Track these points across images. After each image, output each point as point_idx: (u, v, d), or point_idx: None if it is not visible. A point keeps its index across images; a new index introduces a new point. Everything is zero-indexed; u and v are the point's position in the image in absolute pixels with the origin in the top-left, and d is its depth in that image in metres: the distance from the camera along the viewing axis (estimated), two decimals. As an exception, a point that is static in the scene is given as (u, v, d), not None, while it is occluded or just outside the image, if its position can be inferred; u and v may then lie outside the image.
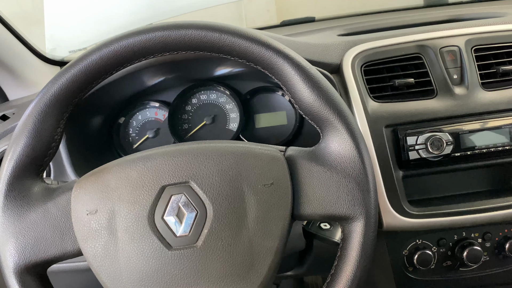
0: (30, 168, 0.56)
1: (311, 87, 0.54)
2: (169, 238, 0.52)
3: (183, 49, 0.56)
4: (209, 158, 0.53)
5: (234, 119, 0.93)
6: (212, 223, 0.51)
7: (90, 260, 0.52)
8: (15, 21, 0.95)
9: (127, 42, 0.55)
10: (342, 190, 0.53)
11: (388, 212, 0.76)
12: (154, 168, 0.53)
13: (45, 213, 0.54)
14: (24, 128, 0.55)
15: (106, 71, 0.56)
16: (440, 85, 0.80)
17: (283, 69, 0.55)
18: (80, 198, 0.53)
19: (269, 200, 0.53)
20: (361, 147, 0.54)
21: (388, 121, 0.78)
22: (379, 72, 0.82)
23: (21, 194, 0.55)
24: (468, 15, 1.00)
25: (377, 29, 0.95)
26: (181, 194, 0.52)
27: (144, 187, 0.52)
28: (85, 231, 0.52)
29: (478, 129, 0.77)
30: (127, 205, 0.52)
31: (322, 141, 0.56)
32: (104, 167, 0.56)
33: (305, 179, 0.54)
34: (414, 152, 0.77)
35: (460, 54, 0.81)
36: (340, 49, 0.83)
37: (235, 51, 0.55)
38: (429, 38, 0.82)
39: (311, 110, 0.55)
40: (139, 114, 0.94)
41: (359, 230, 0.53)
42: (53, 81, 0.56)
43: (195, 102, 0.94)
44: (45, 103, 0.55)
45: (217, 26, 0.55)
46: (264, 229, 0.52)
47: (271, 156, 0.54)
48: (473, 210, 0.78)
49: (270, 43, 0.55)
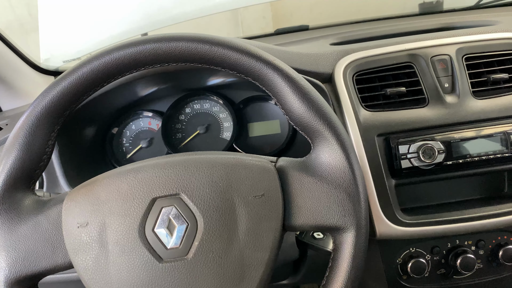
0: (21, 181, 0.55)
1: (301, 98, 0.55)
2: (160, 250, 0.52)
3: (174, 61, 0.56)
4: (199, 169, 0.54)
5: (228, 128, 0.94)
6: (203, 235, 0.51)
7: (81, 273, 0.52)
8: (10, 29, 0.95)
9: (118, 54, 0.55)
10: (332, 201, 0.53)
11: (381, 220, 0.76)
12: (144, 180, 0.53)
13: (36, 226, 0.54)
14: (15, 141, 0.55)
15: (97, 84, 0.56)
16: (431, 93, 0.80)
17: (273, 80, 0.55)
18: (71, 211, 0.53)
19: (260, 212, 0.53)
20: (351, 157, 0.54)
21: (380, 130, 0.78)
22: (371, 81, 0.82)
23: (12, 207, 0.55)
24: (460, 23, 1.00)
25: (369, 38, 0.95)
26: (172, 206, 0.52)
27: (134, 200, 0.52)
28: (75, 244, 0.52)
29: (469, 137, 0.78)
30: (117, 218, 0.52)
31: (312, 151, 0.56)
32: (95, 180, 0.56)
33: (296, 190, 0.54)
34: (406, 161, 0.77)
35: (451, 63, 0.81)
36: (332, 58, 0.84)
37: (225, 62, 0.56)
38: (420, 47, 0.83)
39: (301, 121, 0.55)
40: (133, 124, 0.94)
41: (350, 241, 0.53)
42: (43, 94, 0.56)
43: (189, 112, 0.94)
44: (36, 116, 0.55)
45: (207, 38, 0.55)
46: (255, 240, 0.52)
47: (262, 167, 0.55)
48: (466, 218, 0.78)
49: (260, 54, 0.55)
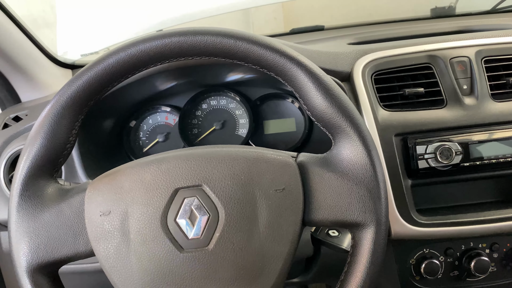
0: (44, 168, 0.56)
1: (324, 94, 0.55)
2: (181, 240, 0.52)
3: (198, 54, 0.57)
4: (222, 162, 0.54)
5: (243, 125, 0.94)
6: (223, 226, 0.52)
7: (102, 261, 0.53)
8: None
9: (144, 46, 0.55)
10: (353, 197, 0.53)
11: (396, 220, 0.76)
12: (167, 171, 0.54)
13: (59, 214, 0.55)
14: (40, 129, 0.56)
15: (122, 75, 0.57)
16: (449, 95, 0.80)
17: (296, 76, 0.56)
18: (93, 199, 0.54)
19: (281, 205, 0.53)
20: (373, 154, 0.54)
21: (398, 130, 0.78)
22: (389, 81, 0.83)
23: (36, 194, 0.55)
24: (478, 26, 1.00)
25: (387, 39, 0.95)
26: (194, 197, 0.53)
27: (157, 190, 0.53)
28: (98, 232, 0.53)
29: (487, 140, 0.78)
30: (140, 207, 0.53)
31: (333, 147, 0.56)
32: (118, 169, 0.56)
33: (316, 185, 0.54)
34: (423, 161, 0.77)
35: (470, 65, 0.82)
36: (351, 57, 0.84)
37: (249, 57, 0.56)
38: (439, 48, 0.83)
39: (323, 117, 0.56)
40: (150, 118, 0.95)
41: (370, 237, 0.53)
42: (69, 83, 0.56)
43: (205, 107, 0.95)
44: (61, 105, 0.56)
45: (232, 32, 0.56)
46: (275, 234, 0.52)
47: (283, 162, 0.55)
48: (481, 220, 0.78)
49: (284, 50, 0.56)
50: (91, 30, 1.30)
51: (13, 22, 0.88)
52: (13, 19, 0.88)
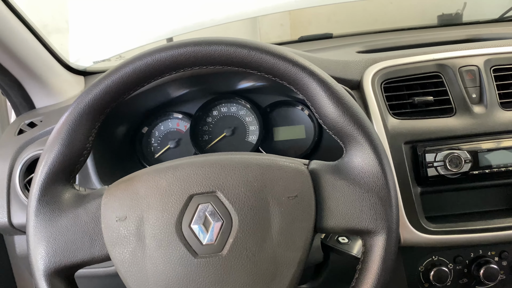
0: (62, 174, 0.57)
1: (335, 103, 0.56)
2: (196, 246, 0.53)
3: (213, 64, 0.58)
4: (235, 169, 0.55)
5: (254, 132, 0.95)
6: (237, 232, 0.53)
7: (117, 266, 0.54)
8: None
9: (160, 56, 0.57)
10: (364, 204, 0.54)
11: (405, 227, 0.77)
12: (182, 177, 0.55)
13: (76, 219, 0.56)
14: (58, 136, 0.57)
15: (138, 83, 0.58)
16: (459, 103, 0.81)
17: (308, 85, 0.57)
18: (110, 205, 0.55)
19: (293, 212, 0.54)
20: (384, 162, 0.55)
21: (407, 138, 0.79)
22: (399, 89, 0.83)
23: (53, 199, 0.56)
24: (486, 35, 1.01)
25: (396, 47, 0.96)
26: (208, 204, 0.54)
27: (172, 196, 0.54)
28: (114, 237, 0.54)
29: (496, 148, 0.78)
30: (155, 213, 0.54)
31: (345, 155, 0.57)
32: (134, 175, 0.57)
33: (328, 192, 0.55)
34: (433, 169, 0.78)
35: (479, 74, 0.82)
36: (361, 66, 0.85)
37: (262, 67, 0.57)
38: (448, 57, 0.84)
39: (335, 125, 0.56)
40: (162, 125, 0.96)
41: (381, 244, 0.54)
42: (87, 91, 0.58)
43: (216, 114, 0.96)
44: (79, 112, 0.57)
45: (246, 42, 0.57)
46: (287, 240, 0.53)
47: (295, 169, 0.56)
48: (490, 228, 0.78)
49: (297, 60, 0.57)
50: (103, 37, 1.32)
51: (29, 30, 0.90)
52: (29, 27, 0.90)
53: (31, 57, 0.91)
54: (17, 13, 0.87)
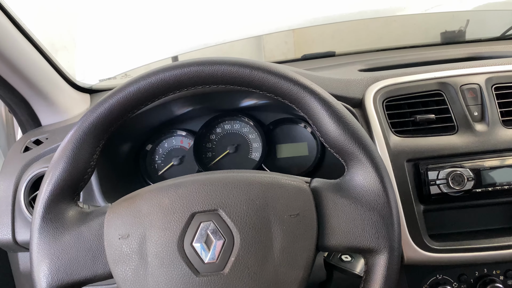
0: (66, 192, 0.58)
1: (336, 122, 0.56)
2: (197, 264, 0.53)
3: (216, 83, 0.59)
4: (237, 187, 0.55)
5: (257, 149, 0.96)
6: (239, 251, 0.53)
7: (120, 283, 0.54)
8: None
9: (163, 75, 0.58)
10: (366, 223, 0.54)
11: (409, 246, 0.76)
12: (184, 195, 0.55)
13: (79, 236, 0.56)
14: (63, 154, 0.58)
15: (142, 102, 0.59)
16: (460, 121, 0.82)
17: (309, 104, 0.57)
18: (113, 223, 0.56)
19: (295, 231, 0.54)
20: (385, 181, 0.55)
21: (410, 156, 0.79)
22: (401, 107, 0.84)
23: (57, 217, 0.57)
24: (487, 53, 1.02)
25: (397, 65, 0.97)
26: (210, 222, 0.54)
27: (174, 214, 0.54)
28: (116, 255, 0.54)
29: (499, 166, 0.78)
30: (158, 231, 0.54)
31: (347, 174, 0.58)
32: (137, 193, 0.58)
33: (330, 211, 0.55)
34: (435, 187, 0.78)
35: (481, 92, 0.83)
36: (362, 84, 0.86)
37: (264, 86, 0.58)
38: (450, 75, 0.84)
39: (336, 143, 0.57)
40: (166, 142, 0.97)
41: (383, 263, 0.54)
42: (92, 110, 0.59)
43: (219, 131, 0.97)
44: (83, 131, 0.58)
45: (248, 62, 0.58)
46: (289, 259, 0.53)
47: (297, 187, 0.56)
48: (494, 246, 0.78)
49: (298, 79, 0.58)
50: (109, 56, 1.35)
51: (37, 49, 0.92)
52: (37, 47, 0.92)
53: (39, 76, 0.93)
54: (26, 33, 0.88)
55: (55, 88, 0.98)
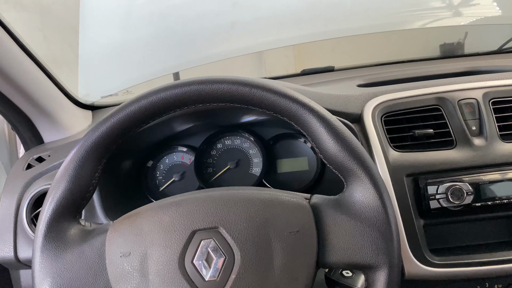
0: (68, 210, 0.59)
1: (335, 139, 0.57)
2: (198, 282, 0.53)
3: (216, 101, 0.60)
4: (237, 204, 0.56)
5: (257, 164, 0.97)
6: (239, 268, 0.53)
7: (121, 302, 0.54)
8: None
9: (164, 94, 0.59)
10: (366, 239, 0.54)
11: (409, 261, 0.76)
12: (185, 213, 0.56)
13: (81, 254, 0.57)
14: (65, 173, 0.58)
15: (143, 121, 0.60)
16: (459, 136, 0.82)
17: (308, 121, 0.58)
18: (114, 241, 0.56)
19: (295, 248, 0.54)
20: (384, 197, 0.56)
21: (409, 170, 0.79)
22: (399, 122, 0.85)
23: (59, 235, 0.58)
24: (485, 67, 1.03)
25: (396, 80, 0.98)
26: (211, 239, 0.55)
27: (175, 232, 0.55)
28: (118, 273, 0.55)
29: (498, 180, 0.79)
30: (159, 249, 0.54)
31: (346, 190, 0.58)
32: (138, 211, 0.58)
33: (330, 227, 0.56)
34: (435, 201, 0.78)
35: (478, 107, 0.84)
36: (361, 100, 0.87)
37: (263, 103, 0.59)
38: (447, 90, 0.85)
39: (335, 160, 0.58)
40: (167, 158, 0.98)
41: (383, 279, 0.54)
42: (93, 129, 0.60)
43: (220, 147, 0.98)
44: (85, 149, 0.59)
45: (248, 81, 0.59)
46: (290, 276, 0.54)
47: (296, 204, 0.57)
48: (495, 260, 0.78)
49: (296, 97, 0.59)
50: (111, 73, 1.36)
51: (40, 68, 0.93)
52: (40, 65, 0.93)
53: (42, 94, 0.94)
54: (29, 52, 0.90)
55: (57, 106, 1.00)
